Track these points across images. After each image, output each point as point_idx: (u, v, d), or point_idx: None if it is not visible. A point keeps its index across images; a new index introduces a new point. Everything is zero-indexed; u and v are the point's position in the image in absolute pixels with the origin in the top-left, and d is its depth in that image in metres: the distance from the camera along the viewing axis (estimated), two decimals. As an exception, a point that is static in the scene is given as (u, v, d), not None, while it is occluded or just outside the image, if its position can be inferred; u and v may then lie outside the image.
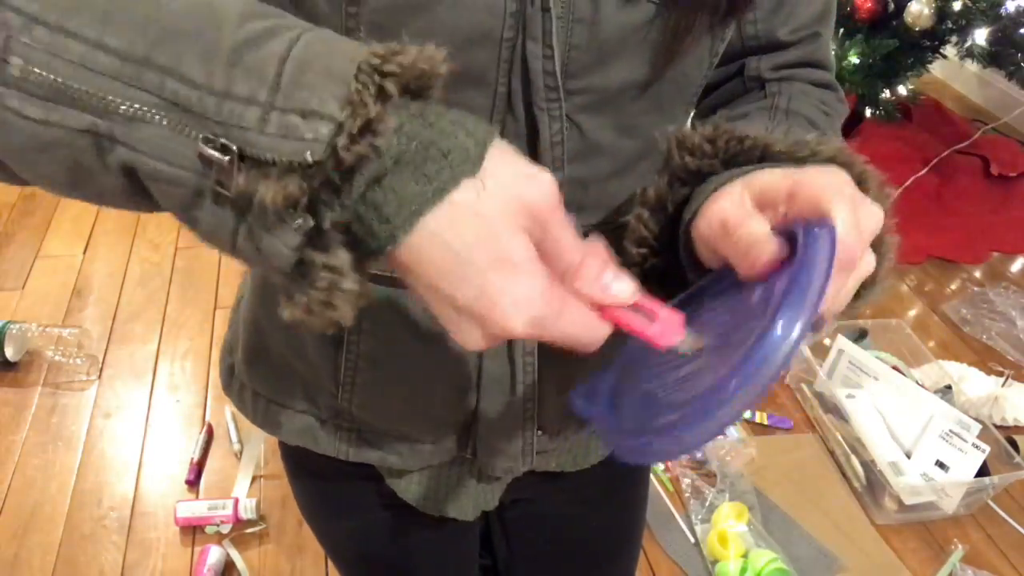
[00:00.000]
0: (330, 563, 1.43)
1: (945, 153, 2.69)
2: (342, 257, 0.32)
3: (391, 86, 0.31)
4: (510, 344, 0.62)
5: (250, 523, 1.54)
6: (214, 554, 1.46)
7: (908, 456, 1.62)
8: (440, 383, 0.64)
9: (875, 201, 0.41)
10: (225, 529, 1.52)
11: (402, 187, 0.32)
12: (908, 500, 1.55)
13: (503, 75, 0.51)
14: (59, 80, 0.30)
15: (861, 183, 0.43)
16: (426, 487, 0.75)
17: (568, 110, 0.53)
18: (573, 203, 0.56)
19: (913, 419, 1.65)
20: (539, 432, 0.68)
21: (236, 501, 1.53)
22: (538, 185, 0.35)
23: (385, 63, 0.31)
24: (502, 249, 0.33)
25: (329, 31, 0.33)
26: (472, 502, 0.76)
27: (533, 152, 0.55)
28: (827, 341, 1.90)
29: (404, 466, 0.71)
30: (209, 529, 1.52)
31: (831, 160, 0.44)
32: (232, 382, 0.75)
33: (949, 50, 2.41)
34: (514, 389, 0.64)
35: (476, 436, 0.67)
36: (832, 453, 1.72)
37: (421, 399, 0.65)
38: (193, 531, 1.53)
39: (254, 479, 1.62)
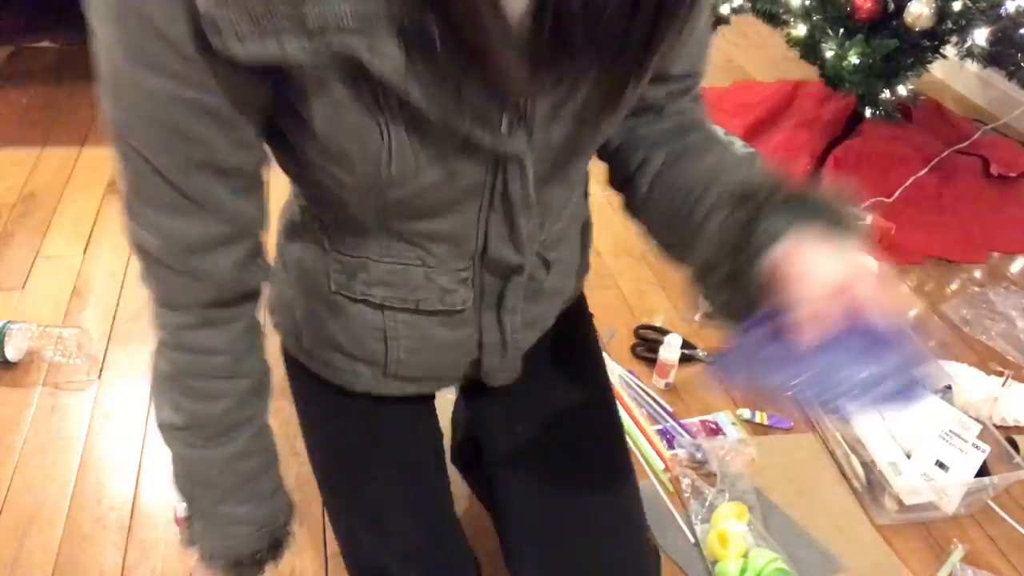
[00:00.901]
0: (330, 564, 1.43)
1: (945, 153, 2.68)
2: None
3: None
4: (500, 321, 0.89)
5: (250, 523, 1.54)
6: (214, 554, 1.46)
7: (908, 456, 1.62)
8: (457, 354, 0.93)
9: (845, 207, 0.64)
10: (225, 529, 1.52)
11: None
12: (908, 500, 1.55)
13: (486, 199, 0.74)
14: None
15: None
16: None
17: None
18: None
19: (913, 419, 1.65)
20: (523, 359, 0.99)
21: (236, 501, 1.53)
22: None
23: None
24: None
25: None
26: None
27: (515, 242, 0.79)
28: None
29: (434, 391, 1.03)
30: (209, 529, 1.52)
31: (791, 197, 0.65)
32: (288, 339, 0.99)
33: (949, 50, 2.41)
34: (505, 345, 0.93)
35: (483, 371, 0.97)
36: (832, 453, 1.72)
37: (444, 362, 0.94)
38: (193, 531, 1.52)
39: (254, 479, 1.62)
